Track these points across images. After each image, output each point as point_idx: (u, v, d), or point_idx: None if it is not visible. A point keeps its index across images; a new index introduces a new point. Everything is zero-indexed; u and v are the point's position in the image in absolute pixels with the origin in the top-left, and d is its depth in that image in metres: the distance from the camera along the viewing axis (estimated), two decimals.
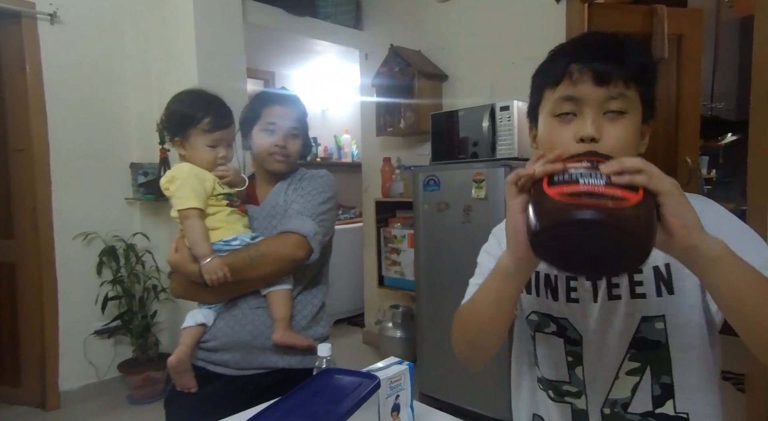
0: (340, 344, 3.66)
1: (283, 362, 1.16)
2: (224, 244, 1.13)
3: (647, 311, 0.67)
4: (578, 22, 2.26)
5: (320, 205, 1.19)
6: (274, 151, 1.21)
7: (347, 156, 4.53)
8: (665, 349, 0.67)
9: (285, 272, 1.16)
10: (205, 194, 1.13)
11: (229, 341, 1.15)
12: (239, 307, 1.18)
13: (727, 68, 3.26)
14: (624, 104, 0.64)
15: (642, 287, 0.67)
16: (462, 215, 2.21)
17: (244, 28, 2.62)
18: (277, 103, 1.23)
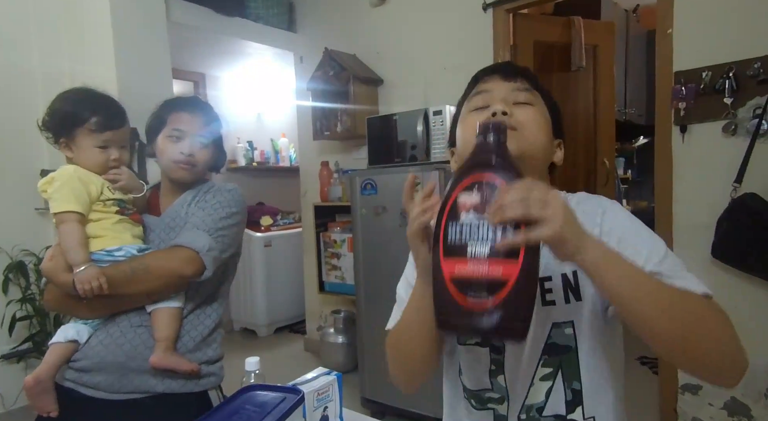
0: (281, 352, 3.56)
1: (163, 386, 1.07)
2: (106, 254, 1.04)
3: (557, 317, 0.69)
4: (504, 31, 2.37)
5: (221, 220, 1.11)
6: (179, 160, 1.13)
7: (285, 160, 4.43)
8: (574, 353, 0.69)
9: (171, 289, 1.07)
10: (88, 198, 1.03)
11: (101, 361, 1.05)
12: (118, 324, 1.08)
13: (637, 76, 3.56)
14: (531, 97, 0.73)
15: (551, 294, 0.69)
16: (399, 218, 2.23)
17: (169, 26, 2.50)
18: (183, 110, 1.15)
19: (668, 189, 1.97)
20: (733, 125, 1.78)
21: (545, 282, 0.70)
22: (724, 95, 1.78)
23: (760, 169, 1.73)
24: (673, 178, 1.95)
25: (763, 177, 1.73)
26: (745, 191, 1.72)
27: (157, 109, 1.19)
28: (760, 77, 1.70)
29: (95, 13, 2.31)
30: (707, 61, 1.82)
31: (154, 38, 2.41)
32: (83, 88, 1.11)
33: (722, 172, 1.80)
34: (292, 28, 3.29)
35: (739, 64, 1.75)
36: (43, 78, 2.50)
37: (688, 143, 1.90)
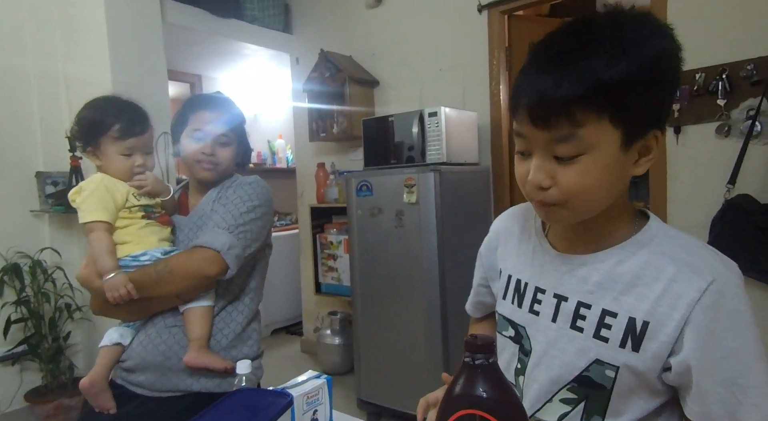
0: (278, 353, 3.56)
1: (198, 386, 1.09)
2: (132, 259, 1.07)
3: (603, 356, 0.62)
4: (499, 32, 2.37)
5: (242, 216, 1.11)
6: (200, 159, 1.14)
7: (281, 161, 4.43)
8: (607, 394, 0.63)
9: (199, 289, 1.09)
10: (114, 206, 1.07)
11: (142, 361, 1.09)
12: (155, 325, 1.11)
13: None
14: (575, 147, 0.55)
15: (608, 331, 0.62)
16: (395, 219, 2.23)
17: (165, 28, 2.49)
18: (204, 109, 1.16)
19: (662, 190, 1.97)
20: (726, 127, 1.79)
21: (607, 316, 0.62)
22: (717, 97, 1.78)
23: (754, 171, 1.74)
24: (667, 179, 1.96)
25: (756, 178, 1.73)
26: (738, 192, 1.72)
27: (181, 108, 1.20)
28: (753, 79, 1.71)
29: (90, 15, 2.30)
30: (701, 63, 1.83)
31: (150, 40, 2.41)
32: (108, 95, 1.13)
33: (716, 173, 1.80)
34: (288, 30, 3.29)
35: (732, 65, 1.75)
36: (38, 80, 2.49)
37: (682, 144, 1.91)
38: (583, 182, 0.57)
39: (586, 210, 0.61)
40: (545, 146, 0.57)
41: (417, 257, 2.17)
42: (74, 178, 2.38)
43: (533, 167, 0.58)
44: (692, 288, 0.57)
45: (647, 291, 0.60)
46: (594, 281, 0.64)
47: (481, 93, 2.46)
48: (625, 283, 0.62)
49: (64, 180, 2.48)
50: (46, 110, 2.50)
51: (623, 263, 0.63)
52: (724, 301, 0.56)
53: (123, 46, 2.30)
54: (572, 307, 0.65)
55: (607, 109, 0.54)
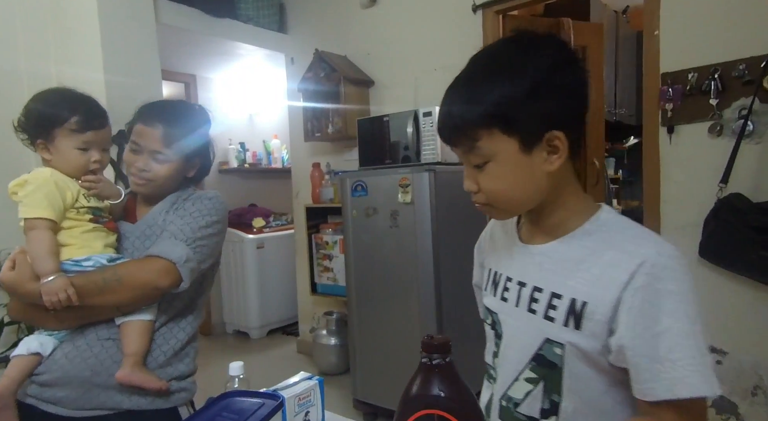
0: (274, 354, 3.56)
1: (130, 403, 1.01)
2: (73, 263, 0.99)
3: (551, 334, 0.69)
4: (493, 32, 2.37)
5: (200, 230, 1.06)
6: (133, 173, 1.09)
7: (277, 161, 4.42)
8: (558, 372, 0.69)
9: (144, 301, 1.03)
10: (62, 205, 0.98)
11: (64, 375, 0.99)
12: (85, 336, 1.02)
13: (627, 77, 3.58)
14: (480, 156, 0.67)
15: (554, 311, 0.69)
16: (389, 219, 2.23)
17: (159, 28, 2.48)
18: (144, 122, 1.09)
19: (656, 189, 1.98)
20: (718, 126, 1.80)
21: (554, 298, 0.69)
22: (710, 96, 1.79)
23: (746, 170, 1.75)
24: (660, 179, 1.97)
25: (748, 177, 1.74)
26: (730, 191, 1.73)
27: (135, 112, 1.14)
28: (745, 79, 1.72)
29: (83, 15, 2.29)
30: (693, 63, 1.83)
31: (143, 40, 2.40)
32: (62, 87, 1.06)
33: (709, 172, 1.81)
34: (282, 30, 3.28)
35: (725, 65, 1.76)
36: (29, 80, 2.47)
37: (675, 144, 1.92)
38: (496, 184, 0.68)
39: (511, 207, 0.72)
40: (463, 158, 0.70)
41: (412, 256, 2.17)
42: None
43: (465, 177, 0.71)
44: (623, 271, 0.63)
45: (588, 275, 0.67)
46: (547, 267, 0.72)
47: None
48: (570, 268, 0.69)
49: None
50: None
51: (571, 250, 0.70)
52: (656, 283, 0.62)
53: (116, 46, 2.28)
54: (529, 291, 0.73)
55: (494, 124, 0.65)
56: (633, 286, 0.62)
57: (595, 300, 0.65)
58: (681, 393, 0.59)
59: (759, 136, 1.72)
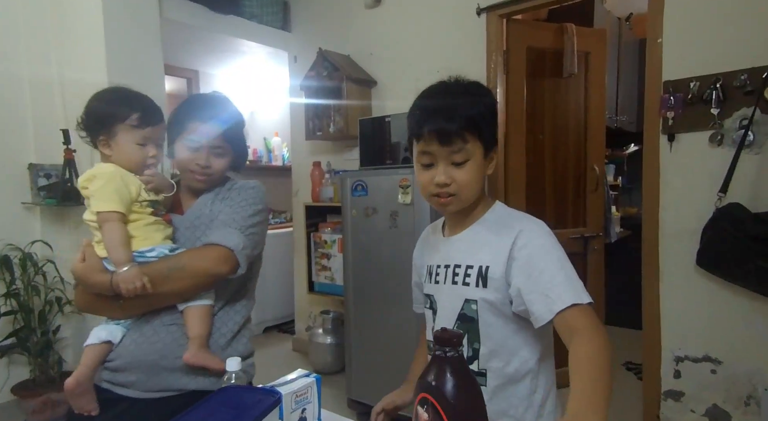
0: (270, 352, 3.55)
1: (195, 384, 1.08)
2: (138, 255, 1.04)
3: (468, 295, 0.92)
4: (497, 36, 2.38)
5: (250, 218, 1.13)
6: (194, 169, 1.13)
7: (278, 159, 4.42)
8: (476, 324, 0.91)
9: (205, 287, 1.09)
10: (129, 198, 1.04)
11: (134, 360, 1.06)
12: (150, 323, 1.09)
13: (629, 84, 3.59)
14: (464, 155, 0.88)
15: (470, 278, 0.92)
16: (389, 220, 2.23)
17: (162, 23, 2.48)
18: (201, 119, 1.13)
19: (655, 196, 1.98)
20: (719, 135, 1.80)
21: (468, 269, 0.93)
22: (711, 106, 1.79)
23: (745, 180, 1.75)
24: (660, 186, 1.97)
25: (747, 187, 1.75)
26: (729, 201, 1.74)
27: (179, 109, 1.17)
28: (747, 89, 1.73)
29: (86, 8, 2.29)
30: (695, 72, 1.84)
31: (147, 35, 2.40)
32: (118, 86, 1.11)
33: (708, 181, 1.82)
34: (286, 28, 3.28)
35: (727, 75, 1.77)
36: (30, 70, 2.47)
37: (675, 152, 1.92)
38: (469, 178, 0.89)
39: (469, 197, 0.92)
40: (446, 157, 0.88)
41: (410, 258, 2.16)
42: (68, 171, 2.37)
43: (440, 172, 0.88)
44: (508, 238, 0.89)
45: (489, 248, 0.92)
46: (462, 248, 0.96)
47: None
48: (478, 245, 0.94)
49: (57, 173, 2.46)
50: (39, 101, 2.48)
51: (478, 234, 0.95)
52: (530, 241, 0.87)
53: (119, 40, 2.28)
54: (452, 269, 0.96)
55: (476, 132, 0.88)
56: (516, 246, 0.87)
57: (494, 263, 0.89)
58: (556, 308, 0.79)
59: (759, 146, 1.73)
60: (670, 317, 1.98)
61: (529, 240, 0.87)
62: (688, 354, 1.94)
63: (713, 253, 1.77)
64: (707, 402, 1.90)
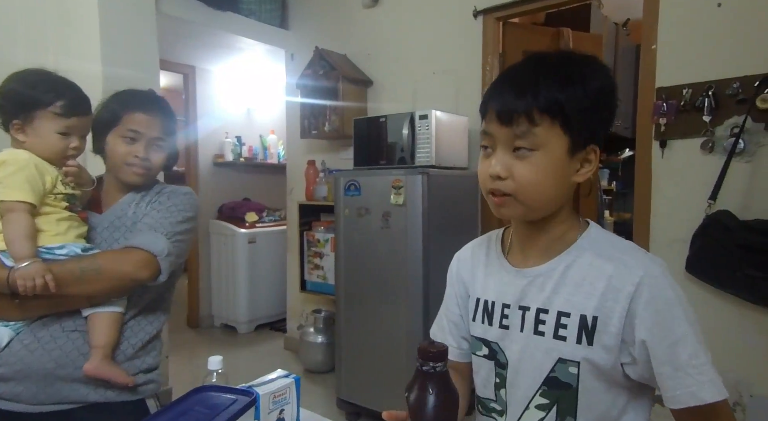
0: (261, 350, 3.55)
1: (96, 396, 0.99)
2: (46, 251, 0.96)
3: (564, 353, 0.69)
4: (493, 39, 2.38)
5: (178, 224, 1.06)
6: (133, 163, 1.06)
7: (273, 157, 4.41)
8: (574, 392, 0.69)
9: (120, 292, 1.02)
10: (42, 190, 0.95)
11: (25, 368, 0.95)
12: (48, 327, 0.98)
13: (626, 89, 3.59)
14: (531, 142, 0.66)
15: (565, 330, 0.70)
16: (381, 220, 2.23)
17: (159, 18, 2.47)
18: (141, 110, 1.07)
19: (647, 203, 1.99)
20: (710, 143, 1.81)
21: (562, 316, 0.70)
22: (703, 113, 1.80)
23: (735, 188, 1.76)
24: (651, 193, 1.98)
25: (737, 195, 1.76)
26: (719, 208, 1.75)
27: (109, 101, 1.11)
28: (739, 97, 1.73)
29: (82, 2, 2.28)
30: (688, 79, 1.85)
31: (142, 29, 2.39)
32: (41, 69, 1.02)
33: (699, 188, 1.82)
34: (284, 25, 3.28)
35: (719, 83, 1.78)
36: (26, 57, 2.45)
37: (667, 158, 1.93)
38: (533, 175, 0.67)
39: (535, 203, 0.69)
40: (506, 141, 0.68)
41: (402, 258, 2.17)
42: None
43: (494, 161, 0.69)
44: (628, 283, 0.66)
45: (592, 289, 0.69)
46: (549, 287, 0.72)
47: (474, 98, 2.47)
48: (574, 284, 0.70)
49: None
50: None
51: (571, 268, 0.72)
52: (660, 293, 0.66)
53: (114, 35, 2.27)
54: (533, 314, 0.73)
55: (558, 118, 0.66)
56: (641, 297, 0.65)
57: (606, 313, 0.67)
58: (706, 398, 0.63)
59: (750, 154, 1.74)
60: None
61: (658, 292, 0.66)
62: None
63: (702, 260, 1.77)
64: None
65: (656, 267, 0.68)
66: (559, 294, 0.71)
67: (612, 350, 0.67)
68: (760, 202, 1.72)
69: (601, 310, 0.67)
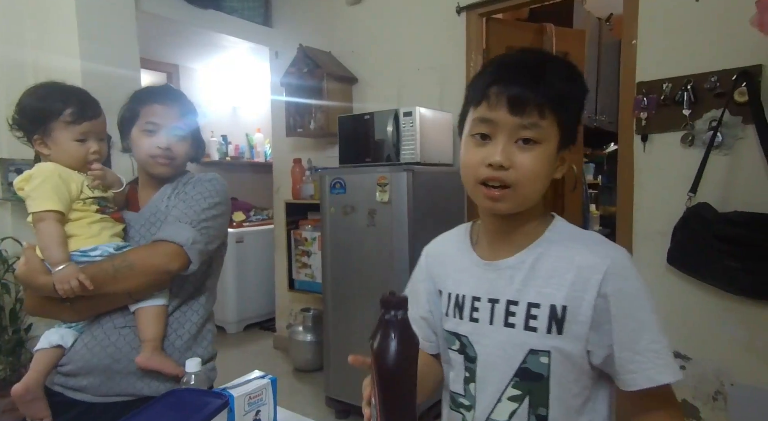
0: (250, 349, 3.53)
1: (149, 390, 1.05)
2: (80, 254, 1.00)
3: (535, 344, 0.70)
4: (477, 35, 2.38)
5: (204, 211, 1.08)
6: (156, 154, 1.09)
7: (260, 156, 4.39)
8: (545, 383, 0.70)
9: (156, 286, 1.05)
10: (69, 197, 1.00)
11: (86, 364, 1.03)
12: (102, 326, 1.05)
13: (609, 84, 3.62)
14: (537, 134, 0.66)
15: (535, 321, 0.70)
16: (367, 218, 2.23)
17: (140, 16, 2.44)
18: (156, 101, 1.10)
19: (629, 196, 2.01)
20: (690, 136, 1.83)
21: (532, 308, 0.70)
22: (683, 107, 1.82)
23: (714, 180, 1.78)
24: (634, 186, 2.00)
25: (715, 187, 1.78)
26: (699, 201, 1.77)
27: (129, 101, 1.14)
28: (717, 91, 1.76)
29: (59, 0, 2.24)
30: (668, 73, 1.87)
31: (122, 28, 2.35)
32: (50, 81, 1.06)
33: (679, 181, 1.85)
34: (267, 23, 3.25)
35: (698, 77, 1.80)
36: (5, 66, 2.40)
37: (648, 152, 1.95)
38: (534, 167, 0.67)
39: (529, 196, 0.70)
40: (512, 131, 0.67)
41: (388, 256, 2.17)
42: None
43: (500, 150, 0.67)
44: (596, 271, 0.68)
45: (561, 280, 0.70)
46: (519, 279, 0.73)
47: (458, 94, 2.46)
48: (543, 276, 0.71)
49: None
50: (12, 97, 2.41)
51: (540, 260, 0.72)
52: (626, 281, 0.68)
53: (93, 31, 2.23)
54: (503, 307, 0.73)
55: (558, 114, 0.67)
56: (608, 285, 0.67)
57: (576, 303, 0.68)
58: (662, 380, 0.65)
59: (728, 147, 1.76)
60: None
61: (625, 281, 0.68)
62: None
63: (683, 252, 1.80)
64: (677, 398, 1.94)
65: (622, 257, 0.70)
66: (528, 286, 0.72)
67: (581, 337, 0.68)
68: (738, 195, 1.74)
69: (571, 299, 0.68)
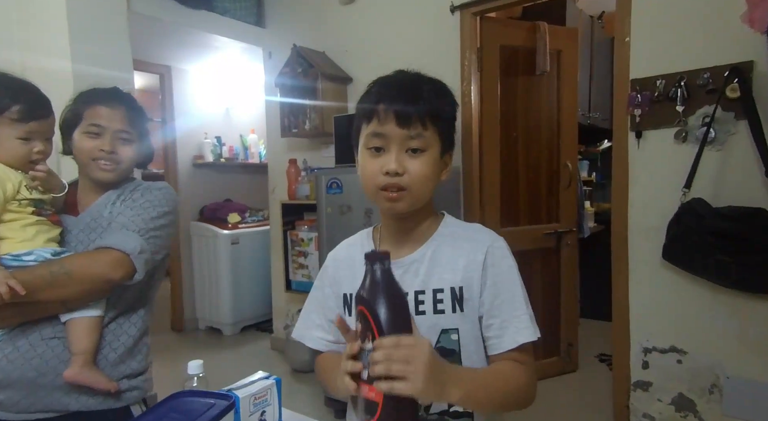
0: (247, 351, 3.52)
1: (78, 405, 0.98)
2: (12, 258, 0.93)
3: (445, 324, 0.80)
4: (470, 34, 2.39)
5: (153, 220, 1.04)
6: (98, 157, 1.03)
7: (254, 157, 4.37)
8: (458, 357, 0.79)
9: (94, 295, 0.98)
10: (2, 197, 0.93)
11: (6, 377, 0.95)
12: (27, 336, 0.97)
13: (602, 81, 3.65)
14: (422, 143, 0.78)
15: (442, 304, 0.80)
16: (363, 217, 2.23)
17: (131, 17, 2.42)
18: (101, 103, 1.05)
19: (624, 192, 2.03)
20: (684, 132, 1.85)
21: (437, 293, 0.81)
22: (676, 103, 1.84)
23: (707, 176, 1.80)
24: (628, 182, 2.01)
25: (709, 183, 1.80)
26: (693, 196, 1.79)
27: (72, 102, 1.09)
28: (709, 87, 1.77)
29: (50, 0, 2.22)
30: (661, 70, 1.88)
31: (113, 28, 2.33)
32: (1, 73, 0.99)
33: (673, 177, 1.86)
34: (260, 23, 3.24)
35: (690, 73, 1.81)
36: None
37: (642, 149, 1.97)
38: (423, 171, 0.78)
39: (421, 196, 0.80)
40: (402, 142, 0.77)
41: None
42: None
43: (392, 159, 0.77)
44: (479, 253, 0.81)
45: (456, 265, 0.81)
46: (423, 271, 0.83)
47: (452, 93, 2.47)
48: (441, 265, 0.82)
49: None
50: None
51: (437, 251, 0.83)
52: (501, 260, 0.82)
53: (84, 33, 2.21)
54: (412, 298, 0.81)
55: (437, 124, 0.79)
56: (488, 263, 0.80)
57: (468, 282, 0.80)
58: (522, 339, 0.77)
59: (720, 143, 1.78)
60: (638, 310, 2.03)
61: (499, 259, 0.82)
62: (655, 345, 1.99)
63: (678, 248, 1.81)
64: (673, 391, 1.96)
65: (499, 240, 0.84)
66: (431, 275, 0.82)
67: (476, 310, 0.80)
68: (731, 190, 1.76)
69: (465, 280, 0.80)
